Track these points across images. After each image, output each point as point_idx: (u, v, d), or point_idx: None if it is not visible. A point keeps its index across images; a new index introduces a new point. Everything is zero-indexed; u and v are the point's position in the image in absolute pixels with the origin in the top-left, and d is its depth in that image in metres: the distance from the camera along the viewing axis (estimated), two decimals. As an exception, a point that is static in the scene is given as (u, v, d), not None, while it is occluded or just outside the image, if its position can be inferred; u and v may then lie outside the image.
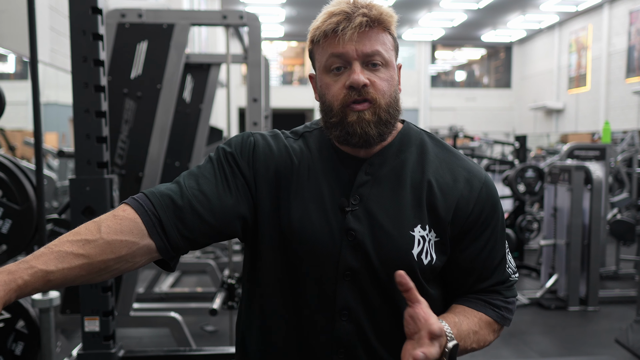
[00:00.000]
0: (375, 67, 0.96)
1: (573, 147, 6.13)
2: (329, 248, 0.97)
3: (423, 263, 0.97)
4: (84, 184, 1.78)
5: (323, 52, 0.98)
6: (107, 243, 0.87)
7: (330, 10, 0.96)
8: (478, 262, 1.02)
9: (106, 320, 1.82)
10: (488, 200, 1.01)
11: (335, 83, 0.97)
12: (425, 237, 0.97)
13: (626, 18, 15.01)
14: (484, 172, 1.04)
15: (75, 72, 1.77)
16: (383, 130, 0.97)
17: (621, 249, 5.89)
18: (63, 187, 5.63)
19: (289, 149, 1.03)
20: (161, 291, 4.74)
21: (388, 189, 0.99)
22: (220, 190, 0.97)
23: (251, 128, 2.91)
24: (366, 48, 0.94)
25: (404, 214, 0.97)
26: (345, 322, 0.97)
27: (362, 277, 0.97)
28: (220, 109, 12.40)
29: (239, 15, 2.90)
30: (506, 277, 1.05)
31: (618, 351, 3.70)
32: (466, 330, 0.97)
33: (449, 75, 22.17)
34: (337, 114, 0.96)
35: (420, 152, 1.02)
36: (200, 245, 0.99)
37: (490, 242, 1.02)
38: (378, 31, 0.96)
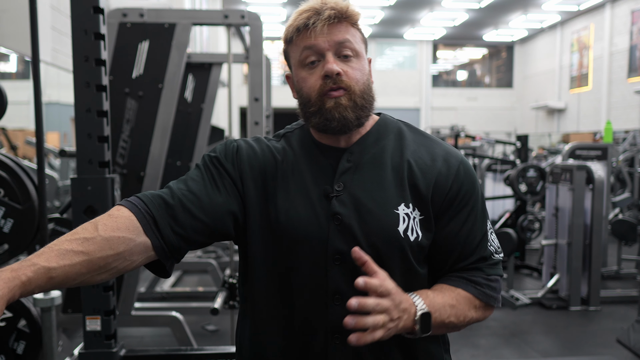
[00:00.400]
0: (347, 58, 1.02)
1: (575, 146, 6.12)
2: (317, 234, 1.00)
3: (410, 239, 1.00)
4: (85, 184, 1.78)
5: (297, 47, 1.03)
6: (104, 240, 0.90)
7: (300, 9, 1.03)
8: (459, 239, 1.04)
9: (108, 319, 1.82)
10: (466, 178, 1.05)
11: (310, 76, 1.02)
12: (409, 215, 1.01)
13: (628, 17, 14.98)
14: (460, 153, 1.09)
15: (77, 71, 1.77)
16: (360, 114, 1.02)
17: (623, 249, 5.88)
18: (65, 186, 5.63)
19: (271, 148, 1.08)
20: (162, 290, 4.74)
21: (370, 173, 1.03)
22: (209, 189, 1.02)
23: (253, 127, 2.91)
24: (337, 37, 1.01)
25: (387, 194, 1.01)
26: (339, 306, 0.99)
27: (351, 260, 0.99)
28: (222, 108, 12.41)
29: (241, 14, 2.90)
30: (488, 254, 1.06)
31: (619, 351, 3.69)
32: (440, 303, 0.99)
33: (450, 75, 22.15)
34: (315, 103, 1.02)
35: (398, 138, 1.08)
36: (194, 244, 1.01)
37: (470, 219, 1.05)
38: (346, 25, 1.02)
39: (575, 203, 4.69)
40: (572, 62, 17.97)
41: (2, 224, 2.10)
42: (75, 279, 0.88)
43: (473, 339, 3.90)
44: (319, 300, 1.01)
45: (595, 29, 16.51)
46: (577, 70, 17.69)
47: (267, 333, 1.05)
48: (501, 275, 1.08)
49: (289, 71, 1.09)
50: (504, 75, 21.95)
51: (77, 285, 0.91)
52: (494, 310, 1.10)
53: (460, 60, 22.08)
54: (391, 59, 21.44)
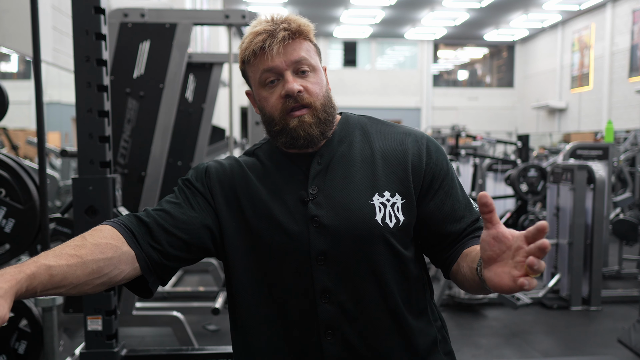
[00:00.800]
0: (305, 74, 1.06)
1: (576, 146, 6.11)
2: (298, 238, 1.03)
3: (389, 226, 1.03)
4: (86, 183, 1.79)
5: (255, 69, 1.07)
6: (94, 245, 0.95)
7: (255, 30, 1.06)
8: (450, 208, 1.09)
9: (109, 319, 1.82)
10: (437, 152, 1.11)
11: (271, 95, 1.06)
12: (385, 203, 1.04)
13: (629, 17, 14.97)
14: (420, 131, 1.15)
15: (78, 71, 1.78)
16: (324, 128, 1.07)
17: (624, 249, 5.88)
18: (66, 186, 5.64)
19: (241, 163, 1.13)
20: (163, 290, 4.75)
21: (340, 171, 1.07)
22: (183, 207, 1.07)
23: (253, 127, 2.92)
24: (293, 57, 1.04)
25: (359, 188, 1.05)
26: (327, 304, 1.03)
27: (335, 258, 1.04)
28: (223, 108, 12.41)
29: (241, 14, 2.91)
30: (478, 214, 1.11)
31: (620, 351, 3.69)
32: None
33: (451, 75, 22.14)
34: (278, 122, 1.06)
35: (363, 133, 1.12)
36: (174, 260, 1.04)
37: (452, 188, 1.11)
38: (300, 41, 1.06)
39: (576, 203, 4.69)
40: (573, 62, 17.96)
41: (4, 224, 2.10)
42: (72, 282, 0.91)
43: (474, 339, 3.90)
44: (307, 301, 1.04)
45: (596, 29, 16.49)
46: (578, 70, 17.67)
47: (260, 340, 1.07)
48: None
49: (249, 88, 1.13)
50: (505, 75, 21.93)
51: (75, 294, 0.94)
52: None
53: (461, 60, 22.06)
54: (392, 59, 21.44)
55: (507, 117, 21.04)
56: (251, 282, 1.07)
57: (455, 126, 15.72)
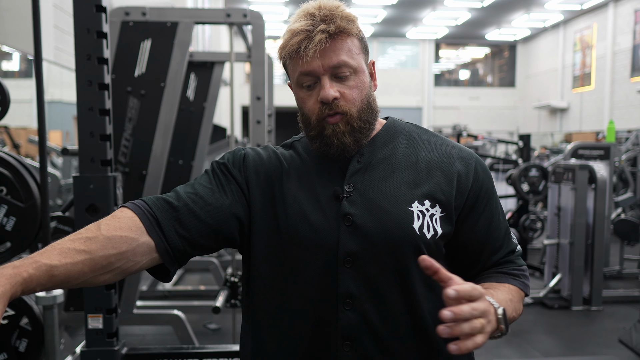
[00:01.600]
0: (344, 77, 0.99)
1: (577, 146, 6.11)
2: (327, 236, 0.98)
3: (426, 237, 0.98)
4: (87, 182, 1.79)
5: (293, 70, 1.02)
6: (107, 239, 0.90)
7: (292, 28, 0.99)
8: (490, 234, 1.05)
9: (109, 317, 1.82)
10: (484, 174, 1.06)
11: (309, 98, 1.01)
12: (425, 212, 0.99)
13: (631, 17, 14.94)
14: (471, 150, 1.09)
15: (79, 70, 1.78)
16: (358, 137, 1.01)
17: (625, 249, 5.87)
18: (67, 184, 5.64)
19: (278, 154, 1.08)
20: (164, 289, 4.75)
21: (381, 173, 1.02)
22: (216, 193, 1.02)
23: (254, 126, 2.91)
24: (332, 61, 0.97)
25: (399, 193, 1.00)
26: (349, 311, 0.97)
27: (364, 262, 0.97)
28: (224, 107, 12.41)
29: (243, 13, 2.90)
30: (514, 246, 1.08)
31: (621, 351, 3.69)
32: (504, 300, 0.97)
33: (452, 74, 22.12)
34: (315, 127, 1.01)
35: (409, 139, 1.07)
36: (198, 248, 1.00)
37: (495, 214, 1.06)
38: (341, 40, 0.98)
39: (578, 203, 4.68)
40: (575, 62, 17.93)
41: (5, 222, 2.11)
42: (77, 278, 0.87)
43: (475, 339, 3.89)
44: (328, 305, 0.98)
45: (598, 28, 16.47)
46: (580, 70, 17.65)
47: (273, 341, 1.02)
48: (525, 264, 1.10)
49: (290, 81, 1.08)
50: (507, 75, 21.91)
51: (80, 286, 0.90)
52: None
53: (463, 60, 22.05)
54: (393, 58, 21.42)
55: (509, 117, 21.02)
56: (272, 278, 1.02)
57: (456, 126, 15.72)
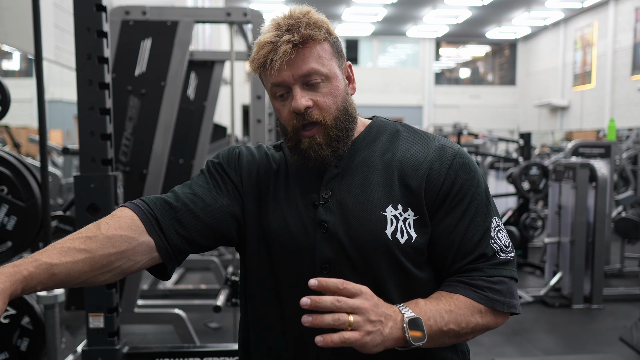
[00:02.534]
0: (316, 85, 0.97)
1: (578, 144, 6.10)
2: (304, 243, 0.98)
3: (399, 242, 0.95)
4: (88, 181, 1.79)
5: (266, 81, 1.01)
6: (107, 238, 0.90)
7: (259, 41, 0.98)
8: (455, 236, 0.97)
9: (110, 316, 1.83)
10: (462, 170, 0.99)
11: (283, 108, 1.00)
12: (398, 217, 0.96)
13: (632, 14, 14.92)
14: (457, 146, 1.03)
15: (80, 69, 1.78)
16: (336, 146, 0.99)
17: (626, 247, 5.87)
18: (68, 184, 5.65)
19: (269, 156, 1.09)
20: (165, 288, 4.76)
21: (358, 177, 1.00)
22: (213, 193, 1.02)
23: (255, 125, 2.92)
24: (301, 70, 0.95)
25: (373, 197, 0.98)
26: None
27: (339, 268, 0.97)
28: (224, 106, 12.41)
29: (243, 12, 2.90)
30: (490, 252, 0.97)
31: (622, 349, 3.69)
32: (435, 310, 0.91)
33: (453, 73, 22.10)
34: (291, 139, 1.00)
35: (391, 139, 1.04)
36: (197, 247, 1.01)
37: (468, 214, 0.98)
38: (309, 47, 0.96)
39: (578, 201, 4.68)
40: (576, 60, 17.91)
41: (6, 221, 2.11)
42: (77, 277, 0.88)
43: (475, 337, 3.89)
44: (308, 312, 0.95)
45: (598, 26, 16.44)
46: (581, 68, 17.63)
47: (265, 340, 1.05)
48: (511, 277, 0.98)
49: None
50: (507, 73, 21.89)
51: (81, 285, 0.91)
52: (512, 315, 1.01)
53: (463, 58, 22.02)
54: (394, 57, 21.41)
55: (509, 115, 21.00)
56: (263, 277, 1.03)
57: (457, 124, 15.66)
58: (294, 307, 0.97)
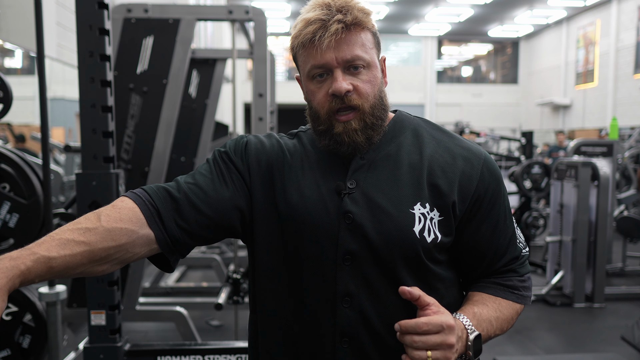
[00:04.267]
0: (357, 70, 0.96)
1: (580, 143, 6.09)
2: (327, 231, 0.96)
3: (426, 240, 0.95)
4: (90, 179, 1.79)
5: (305, 61, 0.99)
6: (107, 230, 0.89)
7: (307, 17, 0.96)
8: (492, 241, 1.02)
9: (112, 314, 1.83)
10: (492, 177, 1.01)
11: (319, 90, 0.98)
12: (426, 215, 0.96)
13: (635, 13, 14.87)
14: (482, 150, 1.04)
15: (82, 67, 1.78)
16: (370, 134, 0.98)
17: (628, 246, 5.86)
18: (70, 181, 5.66)
19: (281, 144, 1.06)
20: (167, 286, 4.77)
21: (384, 171, 0.99)
22: (216, 184, 1.00)
23: (257, 123, 2.92)
24: (346, 54, 0.95)
25: (402, 193, 0.97)
26: (348, 309, 0.96)
27: (363, 261, 0.96)
28: (226, 104, 12.41)
29: (245, 10, 2.90)
30: (519, 252, 1.05)
31: (624, 348, 3.68)
32: (487, 319, 0.98)
33: (455, 71, 22.06)
34: (324, 122, 0.98)
35: (416, 135, 1.03)
36: (198, 239, 0.99)
37: (500, 219, 1.02)
38: (356, 32, 0.96)
39: (580, 200, 4.67)
40: (578, 58, 17.87)
41: (8, 218, 2.11)
42: (75, 269, 0.87)
43: (477, 336, 3.89)
44: (327, 302, 0.97)
45: (601, 25, 16.40)
46: (583, 67, 17.58)
47: (274, 333, 1.02)
48: (530, 271, 1.08)
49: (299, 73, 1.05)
50: (509, 71, 21.85)
51: (78, 276, 0.90)
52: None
53: (465, 56, 21.98)
54: (396, 55, 21.37)
55: (511, 114, 20.97)
56: (274, 272, 1.01)
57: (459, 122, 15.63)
58: (314, 296, 0.98)
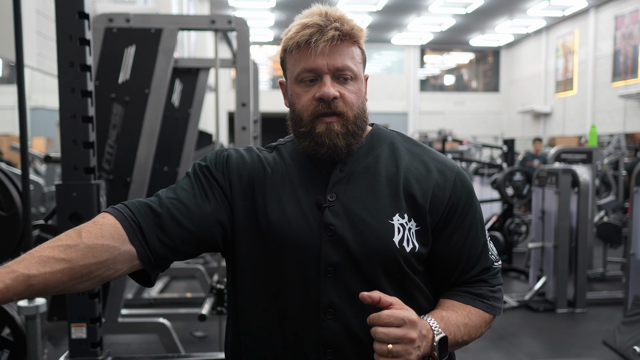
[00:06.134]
0: (345, 81, 1.00)
1: (560, 150, 6.19)
2: (309, 245, 0.98)
3: (405, 250, 0.98)
4: (70, 190, 1.77)
5: (295, 63, 1.00)
6: (88, 247, 0.88)
7: (304, 22, 0.99)
8: (463, 251, 1.04)
9: (93, 327, 1.80)
10: (464, 189, 1.04)
11: (305, 94, 1.00)
12: (404, 225, 0.99)
13: (612, 23, 15.21)
14: (455, 163, 1.08)
15: (62, 77, 1.76)
16: (351, 141, 1.01)
17: (608, 251, 5.95)
18: (51, 192, 5.57)
19: (261, 158, 1.07)
20: (150, 297, 4.71)
21: (363, 183, 1.01)
22: (198, 199, 1.00)
23: (240, 133, 2.91)
24: (337, 62, 0.98)
25: (381, 205, 0.99)
26: (331, 320, 0.97)
27: (345, 272, 0.97)
28: (210, 113, 12.37)
29: (228, 20, 2.90)
30: (490, 263, 1.07)
31: (605, 352, 3.73)
32: (455, 323, 0.99)
33: (437, 80, 22.29)
34: (306, 125, 1.00)
35: (392, 148, 1.06)
36: (180, 254, 0.99)
37: (472, 230, 1.05)
38: (348, 44, 1.00)
39: (561, 206, 4.74)
40: (558, 67, 18.18)
41: (-14, 231, 2.07)
42: (56, 287, 0.86)
43: (461, 342, 3.91)
44: (310, 314, 0.98)
45: (579, 34, 16.73)
46: (563, 75, 17.90)
47: (257, 346, 1.02)
48: (502, 283, 1.09)
49: (283, 78, 1.07)
50: (491, 80, 22.14)
51: (58, 293, 0.89)
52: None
53: (448, 65, 22.24)
54: (379, 64, 21.53)
55: (493, 122, 21.23)
56: (256, 285, 1.01)
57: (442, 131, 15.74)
58: (297, 309, 0.98)
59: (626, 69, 14.62)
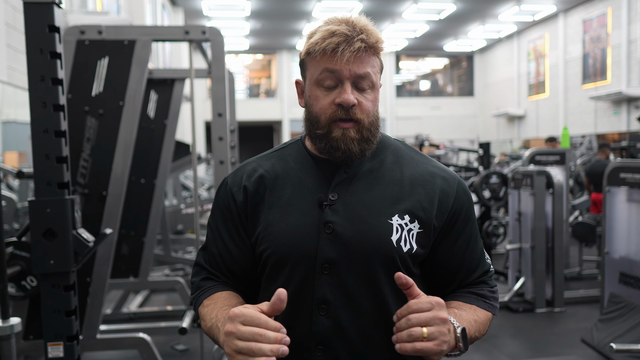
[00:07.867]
0: (364, 89, 1.03)
1: (534, 152, 6.30)
2: (307, 242, 1.01)
3: (402, 250, 1.01)
4: (44, 206, 1.74)
5: (317, 65, 1.03)
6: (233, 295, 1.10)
7: (331, 29, 1.01)
8: (466, 256, 1.09)
9: (70, 345, 1.77)
10: (465, 196, 1.10)
11: (324, 97, 1.02)
12: (404, 226, 1.02)
13: (580, 27, 15.59)
14: (455, 173, 1.13)
15: (33, 91, 1.73)
16: (365, 147, 1.04)
17: (583, 250, 6.06)
18: (24, 208, 5.44)
19: (257, 170, 1.11)
20: (129, 311, 4.63)
21: (365, 184, 1.05)
22: (239, 245, 1.11)
23: (217, 143, 2.90)
24: (359, 70, 1.01)
25: (381, 205, 1.03)
26: (324, 317, 1.00)
27: (341, 269, 1.00)
28: (187, 123, 12.28)
29: (202, 30, 2.89)
30: (488, 267, 1.13)
31: (584, 350, 3.79)
32: (467, 320, 1.01)
33: (413, 85, 22.54)
34: (323, 127, 1.03)
35: (396, 155, 1.11)
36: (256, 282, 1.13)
37: (472, 236, 1.11)
38: (370, 55, 1.03)
39: (537, 207, 4.82)
40: (530, 70, 18.56)
41: (-44, 250, 2.02)
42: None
43: (443, 346, 3.93)
44: (303, 310, 1.01)
45: (550, 38, 17.11)
46: (535, 78, 18.27)
47: None
48: (497, 285, 1.15)
49: (300, 78, 1.10)
50: (466, 84, 22.47)
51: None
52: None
53: (423, 71, 22.51)
54: (355, 71, 21.67)
55: (469, 125, 21.53)
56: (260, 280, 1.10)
57: (419, 135, 15.98)
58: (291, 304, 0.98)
59: (595, 71, 15.00)
